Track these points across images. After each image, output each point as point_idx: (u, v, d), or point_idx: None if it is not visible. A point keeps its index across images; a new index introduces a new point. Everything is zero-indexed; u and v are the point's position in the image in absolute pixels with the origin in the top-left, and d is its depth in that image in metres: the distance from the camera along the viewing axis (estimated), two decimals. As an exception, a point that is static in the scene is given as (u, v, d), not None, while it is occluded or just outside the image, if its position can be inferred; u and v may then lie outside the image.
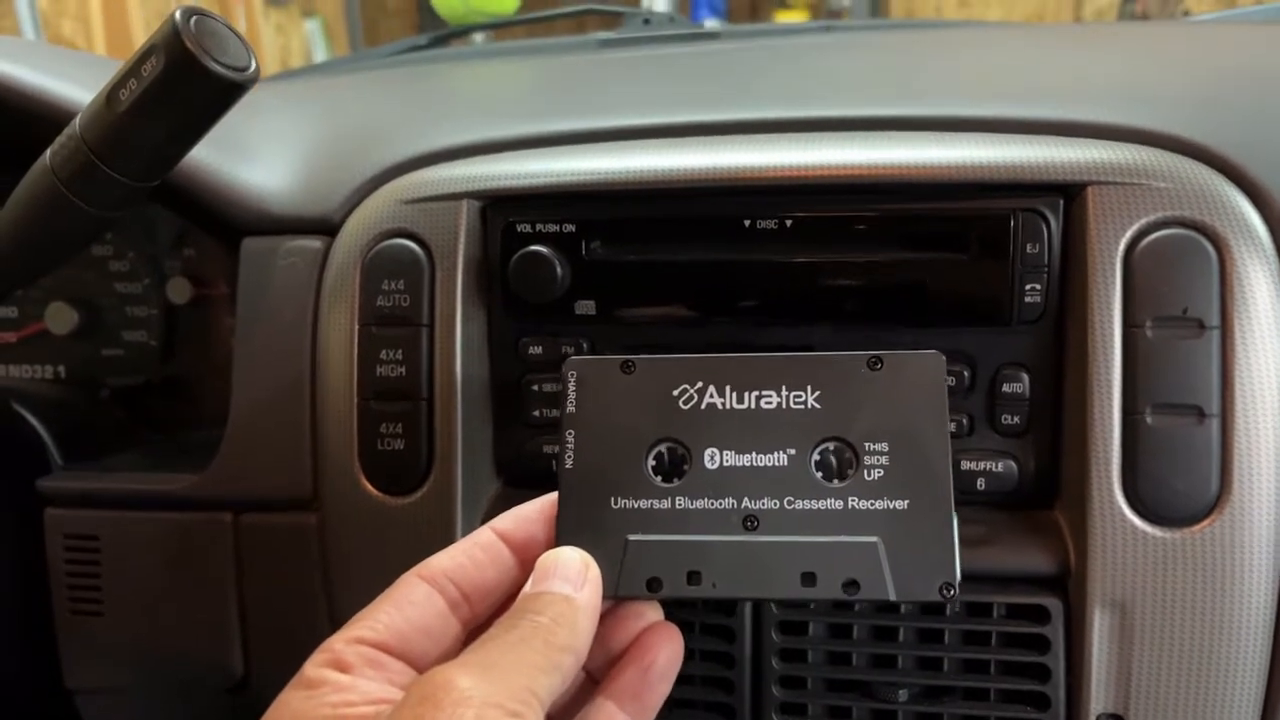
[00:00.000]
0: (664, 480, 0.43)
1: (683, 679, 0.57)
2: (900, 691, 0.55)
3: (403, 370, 0.58)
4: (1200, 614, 0.51)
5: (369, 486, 0.59)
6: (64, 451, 0.70)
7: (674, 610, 0.56)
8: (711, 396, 0.44)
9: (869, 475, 0.42)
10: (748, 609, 0.56)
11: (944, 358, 0.43)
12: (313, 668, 0.37)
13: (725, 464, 0.43)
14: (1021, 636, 0.54)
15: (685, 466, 0.43)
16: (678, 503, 0.43)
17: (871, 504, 0.42)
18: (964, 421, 0.56)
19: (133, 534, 0.66)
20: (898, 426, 0.43)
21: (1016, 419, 0.56)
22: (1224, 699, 0.51)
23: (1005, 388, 0.56)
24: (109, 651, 0.68)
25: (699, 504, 0.43)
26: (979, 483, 0.56)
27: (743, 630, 0.56)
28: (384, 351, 0.58)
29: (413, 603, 0.40)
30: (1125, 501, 0.51)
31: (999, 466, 0.56)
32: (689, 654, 0.56)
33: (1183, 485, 0.51)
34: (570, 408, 0.45)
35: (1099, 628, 0.52)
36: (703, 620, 0.56)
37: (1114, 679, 0.52)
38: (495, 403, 0.61)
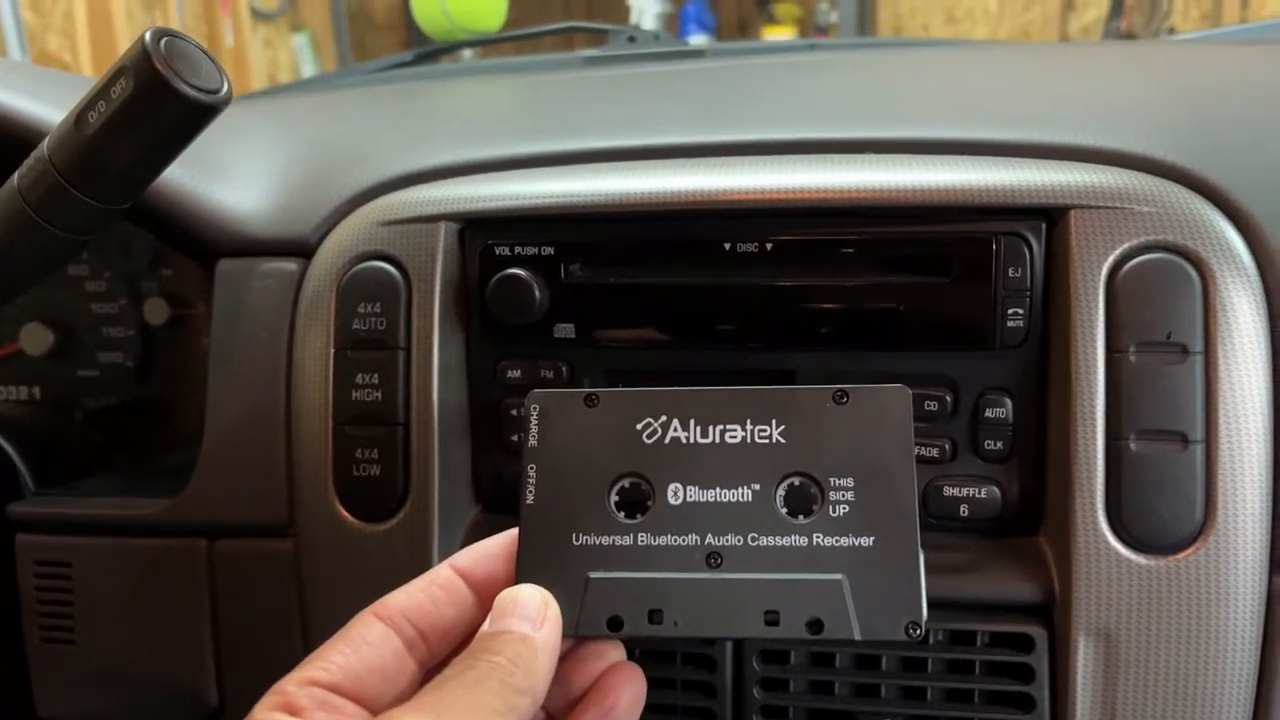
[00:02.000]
0: (627, 516, 0.42)
1: (663, 709, 0.56)
2: (883, 721, 0.54)
3: (379, 394, 0.57)
4: (1185, 643, 0.50)
5: (344, 513, 0.58)
6: (36, 475, 0.69)
7: (654, 641, 0.55)
8: (675, 430, 0.43)
9: (834, 511, 0.41)
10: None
11: (910, 392, 0.43)
12: (263, 711, 0.36)
13: (689, 499, 0.42)
14: (1006, 665, 0.53)
15: (648, 502, 0.43)
16: (640, 539, 0.42)
17: (837, 541, 0.41)
18: (946, 447, 0.56)
19: (105, 560, 0.65)
20: (864, 462, 0.42)
21: (999, 444, 0.55)
22: (1210, 729, 0.51)
23: (988, 413, 0.55)
24: (81, 680, 0.67)
25: (662, 540, 0.42)
26: (961, 509, 0.55)
27: (724, 659, 0.55)
28: (360, 375, 0.58)
29: (368, 642, 0.39)
30: (1109, 529, 0.51)
31: (982, 492, 0.55)
32: (670, 684, 0.56)
33: (1167, 512, 0.50)
34: (532, 441, 0.44)
35: (1083, 657, 0.51)
36: (683, 650, 0.56)
37: (1098, 709, 0.51)
38: (473, 427, 0.60)
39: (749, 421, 0.43)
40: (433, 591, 0.41)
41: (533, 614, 0.39)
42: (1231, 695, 0.50)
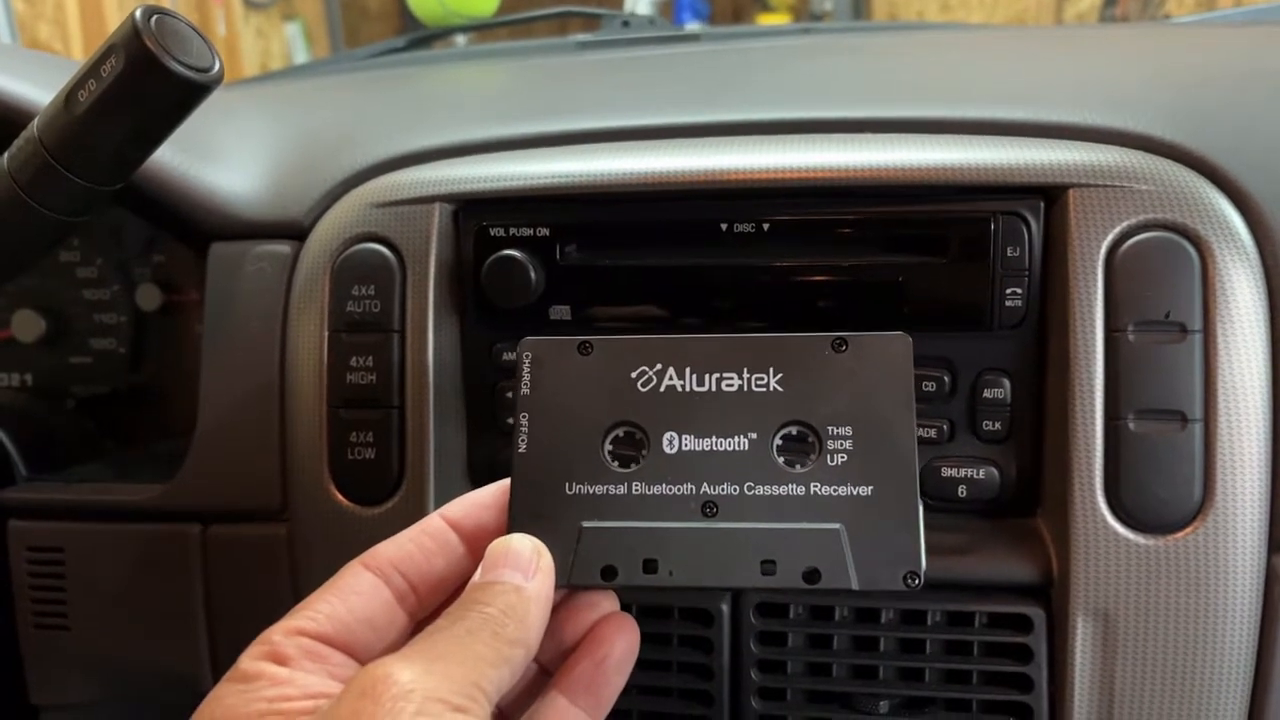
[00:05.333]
0: (621, 465, 0.42)
1: (660, 691, 0.56)
2: (881, 703, 0.54)
3: (373, 377, 0.57)
4: (1184, 622, 0.50)
5: (339, 497, 0.58)
6: (29, 462, 0.68)
7: (649, 621, 0.55)
8: (671, 379, 0.42)
9: (832, 460, 0.41)
10: (725, 620, 0.54)
11: (910, 339, 0.42)
12: (249, 660, 0.36)
13: (684, 448, 0.41)
14: (1004, 646, 0.53)
15: (643, 451, 0.42)
16: (635, 488, 0.41)
17: (834, 490, 0.40)
18: (944, 427, 0.55)
19: (98, 546, 0.64)
20: (862, 410, 0.41)
21: (998, 425, 0.55)
22: (1208, 709, 0.50)
23: (986, 393, 0.55)
24: (75, 667, 0.66)
25: (657, 490, 0.41)
26: (960, 490, 0.55)
27: (721, 641, 0.55)
28: (354, 358, 0.57)
29: (357, 592, 0.38)
30: (1108, 509, 0.50)
31: (980, 473, 0.55)
32: (666, 666, 0.56)
33: (1166, 492, 0.50)
34: (525, 389, 0.43)
35: (1082, 637, 0.51)
36: (680, 631, 0.55)
37: (1097, 689, 0.51)
38: (468, 410, 0.60)
39: (746, 369, 0.42)
40: (422, 542, 0.40)
41: (525, 564, 0.38)
42: (1230, 675, 0.50)
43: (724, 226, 0.55)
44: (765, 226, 0.55)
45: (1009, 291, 0.53)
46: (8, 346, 0.77)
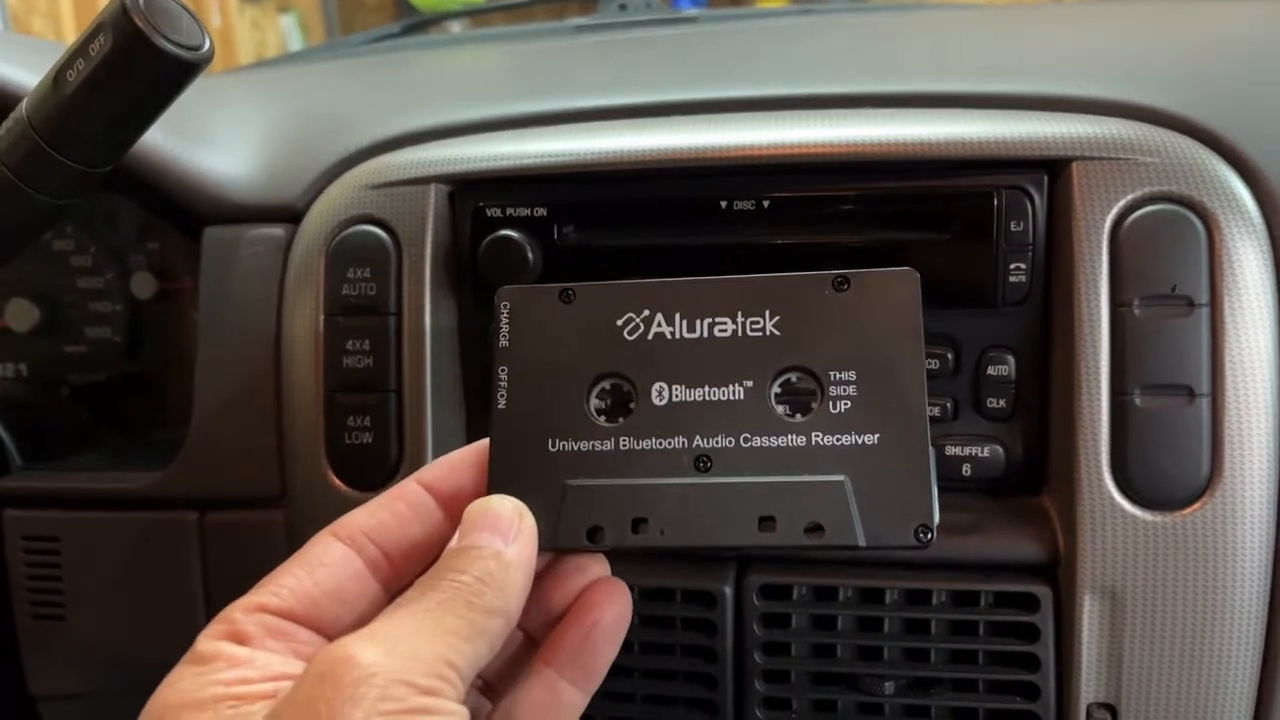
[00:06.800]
0: (607, 420, 0.39)
1: (663, 674, 0.55)
2: (887, 684, 0.54)
3: (370, 361, 0.56)
4: (1192, 599, 0.49)
5: (337, 481, 0.57)
6: (24, 452, 0.68)
7: (651, 604, 0.54)
8: (660, 325, 0.39)
9: (835, 407, 0.38)
10: (729, 602, 0.54)
11: (917, 275, 0.39)
12: (206, 640, 0.33)
13: (675, 399, 0.39)
14: (1010, 625, 0.52)
15: (631, 404, 0.39)
16: (622, 443, 0.39)
17: (838, 439, 0.37)
18: (949, 405, 0.55)
19: (94, 535, 0.64)
20: (867, 353, 0.38)
21: (1002, 403, 0.54)
22: (1217, 686, 0.50)
23: (990, 371, 0.54)
24: (72, 656, 0.66)
25: (646, 444, 0.38)
26: (965, 468, 0.54)
27: (724, 623, 0.54)
28: (350, 342, 0.56)
29: (325, 564, 0.36)
30: (1114, 485, 0.50)
31: (985, 451, 0.54)
32: (669, 649, 0.55)
33: (1173, 467, 0.49)
34: (504, 342, 0.40)
35: (1089, 615, 0.50)
36: (682, 614, 0.55)
37: (1105, 667, 0.50)
38: (466, 392, 0.59)
39: (740, 313, 0.39)
40: (396, 508, 0.38)
41: (504, 527, 0.36)
42: (1239, 652, 0.50)
43: (724, 204, 0.54)
44: (765, 203, 0.54)
45: (1013, 267, 0.52)
46: (2, 336, 0.76)
